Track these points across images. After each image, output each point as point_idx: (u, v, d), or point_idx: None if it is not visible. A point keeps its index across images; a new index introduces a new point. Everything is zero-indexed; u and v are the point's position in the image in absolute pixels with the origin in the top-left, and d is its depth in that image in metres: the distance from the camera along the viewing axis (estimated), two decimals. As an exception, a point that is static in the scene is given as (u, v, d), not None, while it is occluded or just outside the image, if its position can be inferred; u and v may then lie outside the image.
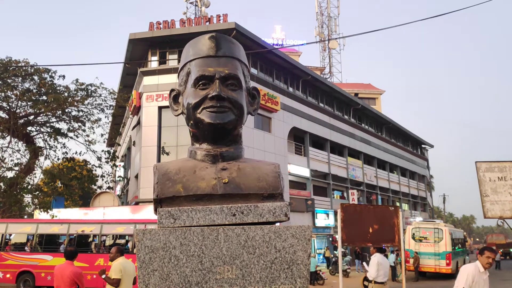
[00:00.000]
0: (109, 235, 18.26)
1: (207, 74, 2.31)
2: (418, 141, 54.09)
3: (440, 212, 72.12)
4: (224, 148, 2.36)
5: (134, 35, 25.95)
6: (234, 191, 2.21)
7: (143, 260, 2.03)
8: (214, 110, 2.27)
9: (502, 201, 7.88)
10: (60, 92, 19.74)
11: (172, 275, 2.03)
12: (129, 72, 29.25)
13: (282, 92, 29.55)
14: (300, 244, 2.11)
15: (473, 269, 5.39)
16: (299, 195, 29.09)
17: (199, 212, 2.13)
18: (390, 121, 44.93)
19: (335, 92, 36.03)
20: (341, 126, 36.21)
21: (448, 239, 22.37)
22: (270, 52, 28.30)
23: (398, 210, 9.63)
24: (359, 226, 9.14)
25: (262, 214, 2.16)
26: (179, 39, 25.49)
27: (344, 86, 45.70)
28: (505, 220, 7.93)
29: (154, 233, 2.06)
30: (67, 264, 6.58)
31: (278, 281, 2.07)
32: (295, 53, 46.60)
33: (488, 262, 5.40)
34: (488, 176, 8.05)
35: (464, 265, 5.68)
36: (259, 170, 2.31)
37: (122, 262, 6.82)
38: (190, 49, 2.46)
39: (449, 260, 21.90)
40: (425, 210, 53.85)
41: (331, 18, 55.08)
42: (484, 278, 5.42)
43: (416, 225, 24.36)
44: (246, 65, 2.52)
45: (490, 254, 5.41)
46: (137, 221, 17.49)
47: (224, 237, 2.08)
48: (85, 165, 24.44)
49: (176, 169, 2.30)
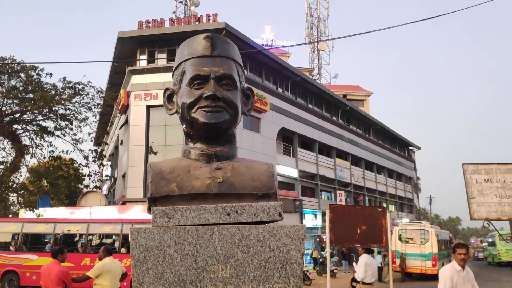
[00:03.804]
0: (96, 235, 18.12)
1: (202, 74, 2.31)
2: (405, 143, 54.58)
3: (427, 214, 72.82)
4: (219, 148, 2.36)
5: (123, 33, 25.77)
6: (229, 191, 2.22)
7: (137, 259, 2.03)
8: (209, 109, 2.28)
9: (488, 203, 7.99)
10: (47, 90, 19.51)
11: (166, 274, 2.04)
12: (118, 70, 29.05)
13: (271, 93, 29.60)
14: (294, 243, 2.13)
15: (450, 270, 5.35)
16: (287, 196, 29.15)
17: (194, 211, 2.14)
18: (378, 122, 45.27)
19: (324, 94, 36.21)
20: (330, 127, 36.39)
21: (434, 240, 22.61)
22: (260, 52, 28.33)
23: (386, 211, 9.71)
24: (347, 226, 9.19)
25: (256, 213, 2.18)
26: (168, 38, 25.41)
27: (332, 87, 45.94)
28: (491, 221, 8.04)
29: (149, 232, 2.06)
30: (54, 263, 6.55)
31: (272, 280, 2.09)
32: (285, 54, 46.71)
33: (461, 258, 5.32)
34: (474, 178, 8.15)
35: (441, 269, 5.58)
36: (253, 170, 2.33)
37: (106, 263, 6.78)
38: (185, 48, 2.47)
39: (435, 261, 22.13)
40: (411, 211, 54.34)
41: (321, 19, 55.36)
42: (463, 275, 5.38)
43: (402, 226, 24.57)
44: (241, 65, 2.53)
45: (461, 250, 5.35)
46: (124, 220, 17.40)
47: (219, 236, 2.09)
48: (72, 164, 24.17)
49: (170, 168, 2.30)
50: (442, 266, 24.03)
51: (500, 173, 8.23)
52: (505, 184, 8.16)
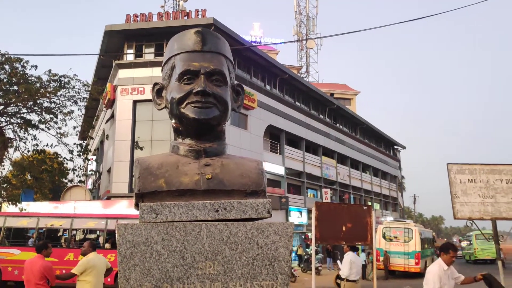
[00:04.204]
0: (80, 230, 17.92)
1: (192, 69, 2.29)
2: (391, 142, 55.05)
3: (411, 212, 73.62)
4: (208, 144, 2.34)
5: (110, 26, 25.50)
6: (217, 187, 2.20)
7: (124, 255, 2.01)
8: (199, 105, 2.26)
9: (472, 203, 8.10)
10: (32, 82, 19.22)
11: (153, 270, 2.02)
12: (104, 64, 28.73)
13: (259, 90, 29.59)
14: (282, 241, 2.12)
15: (438, 269, 5.44)
16: (274, 193, 29.21)
17: (182, 207, 2.12)
18: (364, 121, 45.57)
19: (312, 92, 36.31)
20: (317, 126, 36.52)
21: (417, 238, 22.87)
22: (248, 49, 28.27)
23: (371, 209, 9.79)
24: (333, 224, 9.24)
25: (245, 210, 2.17)
26: (156, 32, 25.20)
27: (320, 86, 46.07)
28: (473, 221, 8.16)
29: (136, 228, 2.04)
30: (37, 258, 6.48)
31: (260, 277, 2.08)
32: (273, 51, 46.68)
33: (452, 260, 5.55)
34: (459, 178, 8.25)
35: (429, 269, 5.66)
36: (242, 167, 2.31)
37: (90, 259, 6.69)
38: (175, 43, 2.44)
39: (418, 259, 22.40)
40: (396, 210, 54.88)
41: (310, 17, 55.45)
42: (449, 273, 5.52)
43: (387, 225, 24.80)
44: (231, 61, 2.51)
45: (454, 253, 5.57)
46: (109, 216, 17.23)
47: (207, 233, 2.07)
48: (56, 158, 23.86)
49: (158, 163, 2.28)
50: (425, 265, 24.40)
51: (484, 174, 8.35)
52: (488, 184, 8.28)
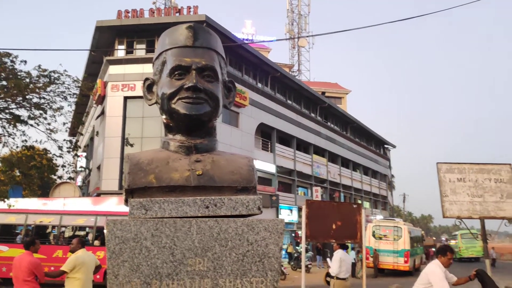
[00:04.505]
0: (69, 227, 17.79)
1: (184, 65, 2.27)
2: (381, 141, 55.35)
3: (400, 211, 74.09)
4: (199, 140, 2.33)
5: (101, 22, 25.29)
6: (208, 184, 2.19)
7: (113, 251, 1.99)
8: (190, 101, 2.24)
9: (461, 202, 8.18)
10: (21, 77, 19.03)
11: (142, 266, 2.00)
12: (95, 60, 28.50)
13: (250, 88, 29.56)
14: (272, 237, 2.12)
15: (440, 270, 5.54)
16: (264, 191, 29.23)
17: (172, 203, 2.11)
18: (355, 120, 45.75)
19: (303, 90, 36.36)
20: (308, 124, 36.59)
21: (407, 237, 23.04)
22: (240, 46, 28.22)
23: (361, 207, 9.81)
24: (323, 222, 9.25)
25: (235, 207, 2.16)
26: (148, 28, 25.06)
27: (311, 84, 46.16)
28: (462, 220, 8.24)
29: (125, 223, 2.02)
30: (25, 254, 6.44)
31: (250, 274, 2.08)
32: (265, 49, 46.65)
33: (450, 262, 5.67)
34: (448, 177, 8.33)
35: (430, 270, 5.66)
36: (233, 163, 2.31)
37: (79, 256, 6.64)
38: (167, 38, 2.42)
39: (407, 258, 22.57)
40: (385, 208, 55.24)
41: (302, 16, 55.50)
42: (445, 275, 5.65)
43: (376, 223, 24.95)
44: (223, 57, 2.50)
45: (452, 256, 5.69)
46: (98, 213, 17.11)
47: (197, 229, 2.06)
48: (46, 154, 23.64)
49: (149, 159, 2.26)
50: (413, 263, 24.52)
51: (473, 173, 8.44)
52: (477, 183, 8.36)
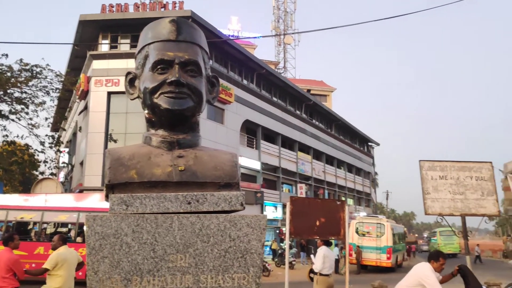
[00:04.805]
0: (51, 223, 17.54)
1: (166, 59, 2.24)
2: (365, 139, 55.81)
3: (383, 208, 74.86)
4: (181, 135, 2.30)
5: (84, 16, 24.98)
6: (190, 179, 2.17)
7: (92, 247, 1.96)
8: (173, 95, 2.21)
9: (442, 199, 8.30)
10: (2, 71, 18.70)
11: (123, 263, 1.98)
12: (78, 54, 28.10)
13: (236, 84, 29.50)
14: (254, 233, 2.11)
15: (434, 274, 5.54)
16: (249, 188, 29.24)
17: (153, 199, 2.08)
18: (340, 118, 46.03)
19: (289, 87, 36.42)
20: (293, 121, 36.69)
21: (389, 234, 23.30)
22: (226, 43, 28.12)
23: (345, 204, 9.87)
24: (306, 219, 9.28)
25: (218, 203, 2.14)
26: (132, 23, 24.78)
27: (297, 82, 46.28)
28: (443, 217, 8.35)
29: (106, 219, 1.99)
30: (5, 251, 6.33)
31: (232, 270, 2.07)
32: (251, 45, 46.60)
33: (442, 268, 5.67)
34: (430, 175, 8.44)
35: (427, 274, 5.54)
36: (216, 159, 2.29)
37: (61, 253, 6.55)
38: (149, 31, 2.38)
39: (389, 254, 22.83)
40: (369, 205, 55.76)
41: (288, 13, 55.53)
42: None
43: (360, 220, 25.17)
44: (207, 51, 2.47)
45: (444, 261, 5.66)
46: (81, 209, 16.91)
47: (178, 225, 2.04)
48: (27, 149, 23.30)
49: (130, 154, 2.23)
50: (396, 259, 24.83)
51: (454, 171, 8.56)
52: (458, 181, 8.49)
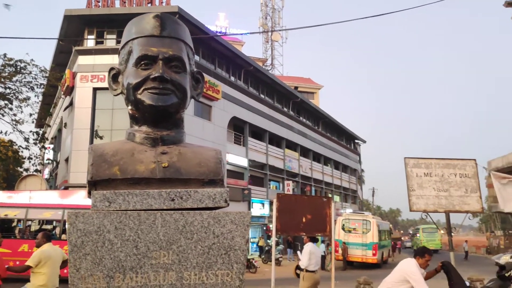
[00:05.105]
0: (35, 220, 17.35)
1: (150, 54, 2.22)
2: (351, 136, 56.18)
3: (369, 205, 75.49)
4: (165, 132, 2.29)
5: (70, 11, 24.66)
6: (174, 176, 2.16)
7: (74, 244, 1.94)
8: (156, 91, 2.19)
9: (427, 196, 8.40)
10: (-15, 66, 18.40)
11: (105, 260, 1.96)
12: (63, 50, 27.77)
13: (223, 81, 29.43)
14: (238, 230, 2.11)
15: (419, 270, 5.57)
16: (236, 185, 29.24)
17: (136, 196, 2.07)
18: (327, 115, 46.25)
19: (276, 85, 36.46)
20: (280, 118, 36.76)
21: (375, 230, 23.51)
22: (213, 39, 28.02)
23: (331, 201, 9.92)
24: (293, 215, 9.31)
25: (202, 199, 2.14)
26: (119, 19, 24.52)
27: (284, 79, 46.34)
28: (428, 213, 8.45)
29: (88, 216, 1.97)
30: (-13, 249, 6.23)
31: (215, 267, 2.07)
32: (238, 42, 46.48)
33: (427, 264, 5.72)
34: (415, 172, 8.54)
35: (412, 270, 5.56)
36: (200, 155, 2.28)
37: (45, 250, 6.48)
38: (133, 27, 2.36)
39: (375, 250, 23.05)
40: (355, 202, 56.19)
41: (275, 10, 55.51)
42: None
43: (346, 217, 25.37)
44: (191, 47, 2.46)
45: (429, 258, 5.71)
46: (66, 206, 16.74)
47: (162, 222, 2.03)
48: (11, 145, 22.96)
49: (113, 151, 2.21)
50: (381, 256, 25.11)
51: (439, 168, 8.66)
52: (443, 178, 8.59)
